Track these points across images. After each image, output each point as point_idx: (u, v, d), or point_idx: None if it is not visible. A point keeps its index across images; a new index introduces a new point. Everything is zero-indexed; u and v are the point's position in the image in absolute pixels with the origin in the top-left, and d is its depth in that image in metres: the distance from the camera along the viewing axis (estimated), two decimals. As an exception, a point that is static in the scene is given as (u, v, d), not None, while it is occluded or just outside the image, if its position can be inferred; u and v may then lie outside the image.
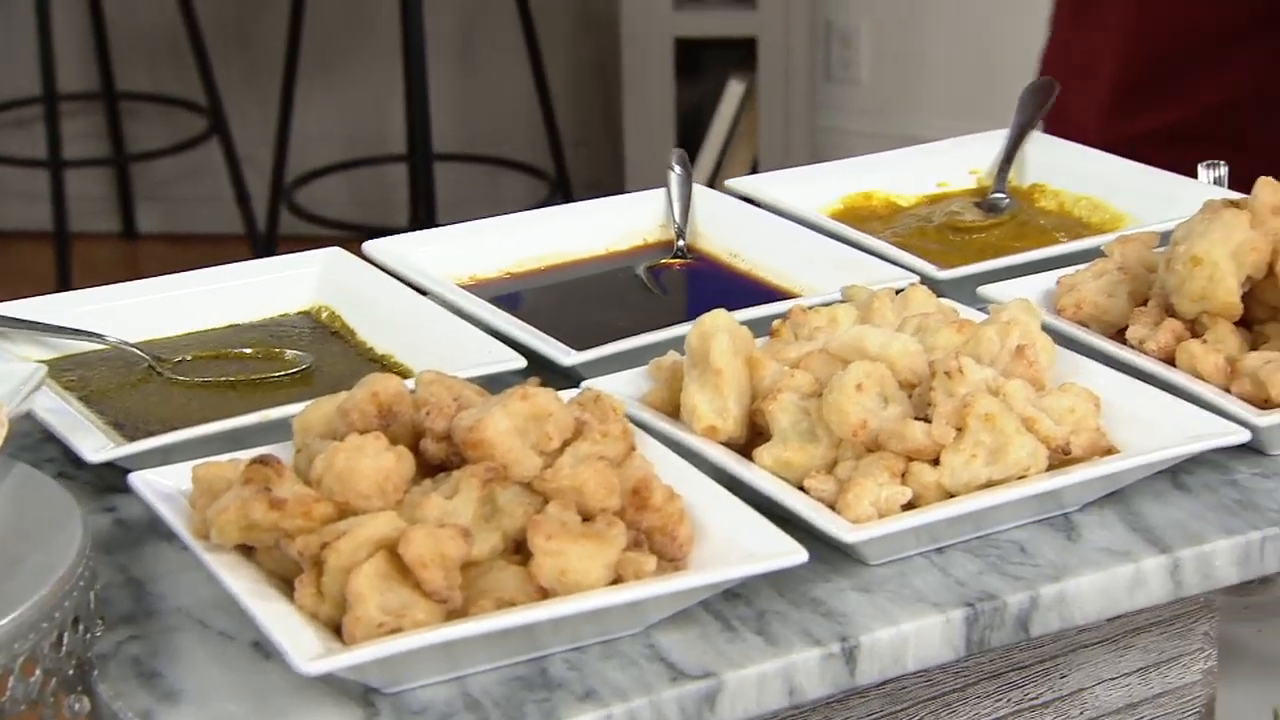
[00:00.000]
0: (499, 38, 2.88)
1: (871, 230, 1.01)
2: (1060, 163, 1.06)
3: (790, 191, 1.02)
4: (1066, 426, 0.67)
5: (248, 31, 2.96)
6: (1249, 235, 0.75)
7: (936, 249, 0.99)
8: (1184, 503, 0.71)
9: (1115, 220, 1.01)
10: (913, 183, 1.06)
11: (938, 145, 1.10)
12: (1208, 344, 0.75)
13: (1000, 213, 1.03)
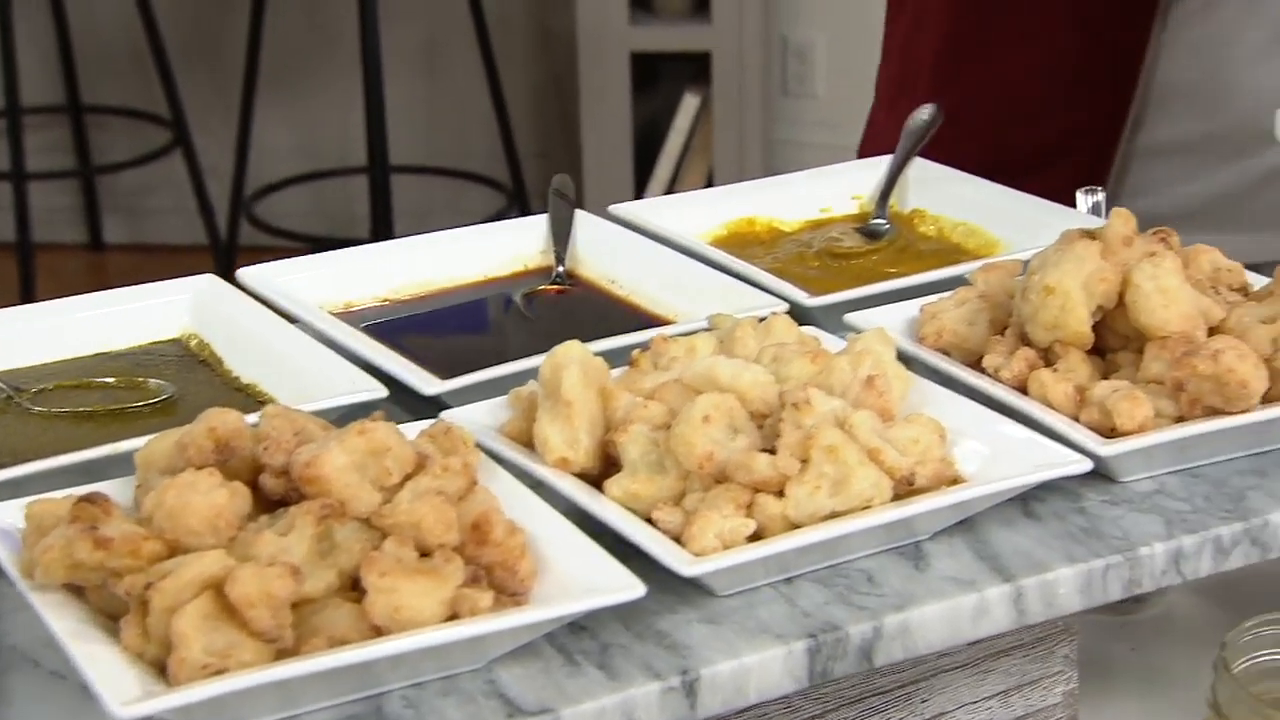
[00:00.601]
0: (460, 52, 2.90)
1: (753, 256, 1.00)
2: (940, 188, 1.06)
3: (674, 217, 1.01)
4: (911, 457, 0.66)
5: (212, 45, 2.97)
6: (1100, 266, 0.75)
7: (816, 275, 0.99)
8: (1033, 531, 0.70)
9: (990, 246, 1.00)
10: (796, 208, 1.06)
11: (822, 170, 1.10)
12: (1059, 373, 0.74)
13: (880, 238, 1.03)
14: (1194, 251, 0.79)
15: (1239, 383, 0.70)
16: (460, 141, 3.03)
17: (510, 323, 0.89)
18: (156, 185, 3.02)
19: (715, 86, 2.81)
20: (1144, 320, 0.74)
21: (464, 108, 2.97)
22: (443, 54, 3.03)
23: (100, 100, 3.04)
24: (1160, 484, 0.73)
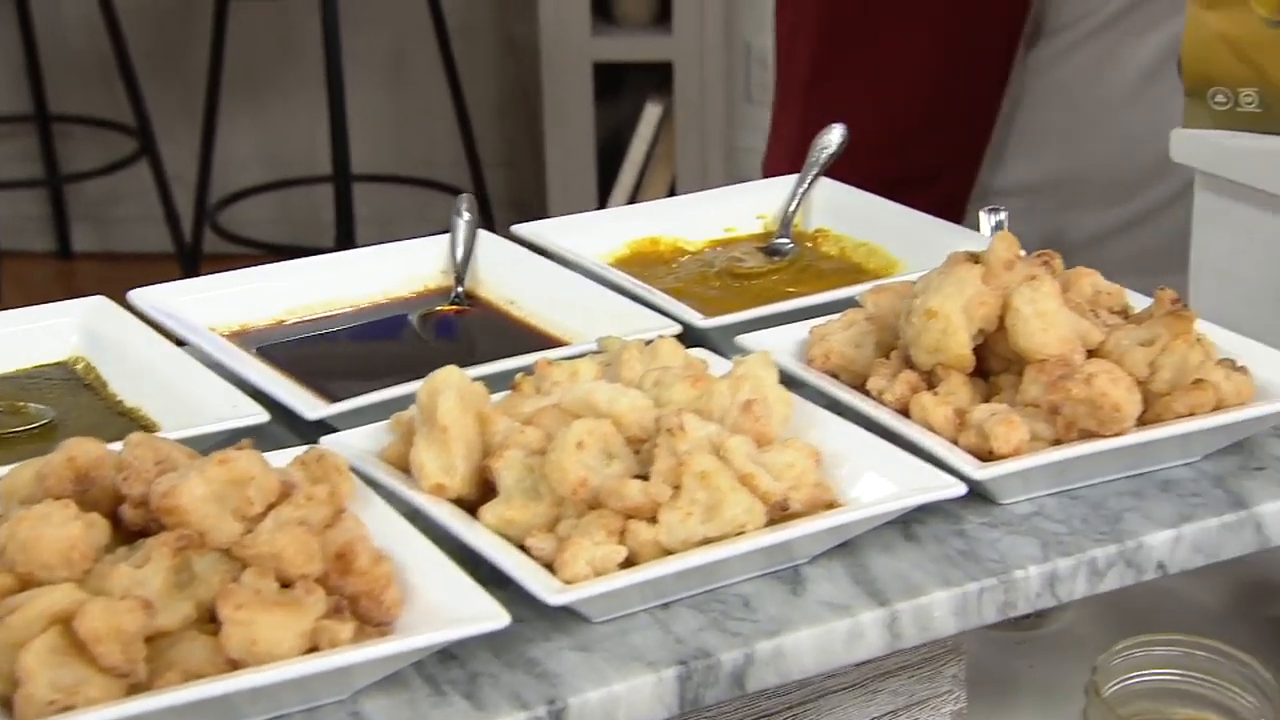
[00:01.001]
0: (425, 62, 2.91)
1: (656, 276, 0.99)
2: (843, 208, 1.05)
3: (577, 238, 1.00)
4: (786, 482, 0.65)
5: (178, 55, 2.97)
6: (980, 289, 0.75)
7: (716, 295, 0.98)
8: (912, 554, 0.69)
9: (890, 267, 1.00)
10: (700, 228, 1.05)
11: (726, 190, 1.09)
12: (939, 396, 0.74)
13: (782, 258, 1.02)
14: (1075, 274, 0.78)
15: (1112, 406, 0.69)
16: (425, 150, 3.04)
17: (405, 344, 0.87)
18: (124, 194, 3.03)
19: (677, 95, 2.82)
20: (1022, 344, 0.73)
21: (429, 117, 2.98)
22: (408, 64, 3.05)
23: (67, 110, 3.04)
24: (1039, 506, 0.73)
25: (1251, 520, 0.72)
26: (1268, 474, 0.74)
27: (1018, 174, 1.25)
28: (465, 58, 2.84)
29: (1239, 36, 0.97)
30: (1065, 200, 1.25)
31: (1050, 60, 1.22)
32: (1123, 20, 1.21)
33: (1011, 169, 1.25)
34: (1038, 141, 1.24)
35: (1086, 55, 1.21)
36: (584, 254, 0.97)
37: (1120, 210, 1.25)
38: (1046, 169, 1.25)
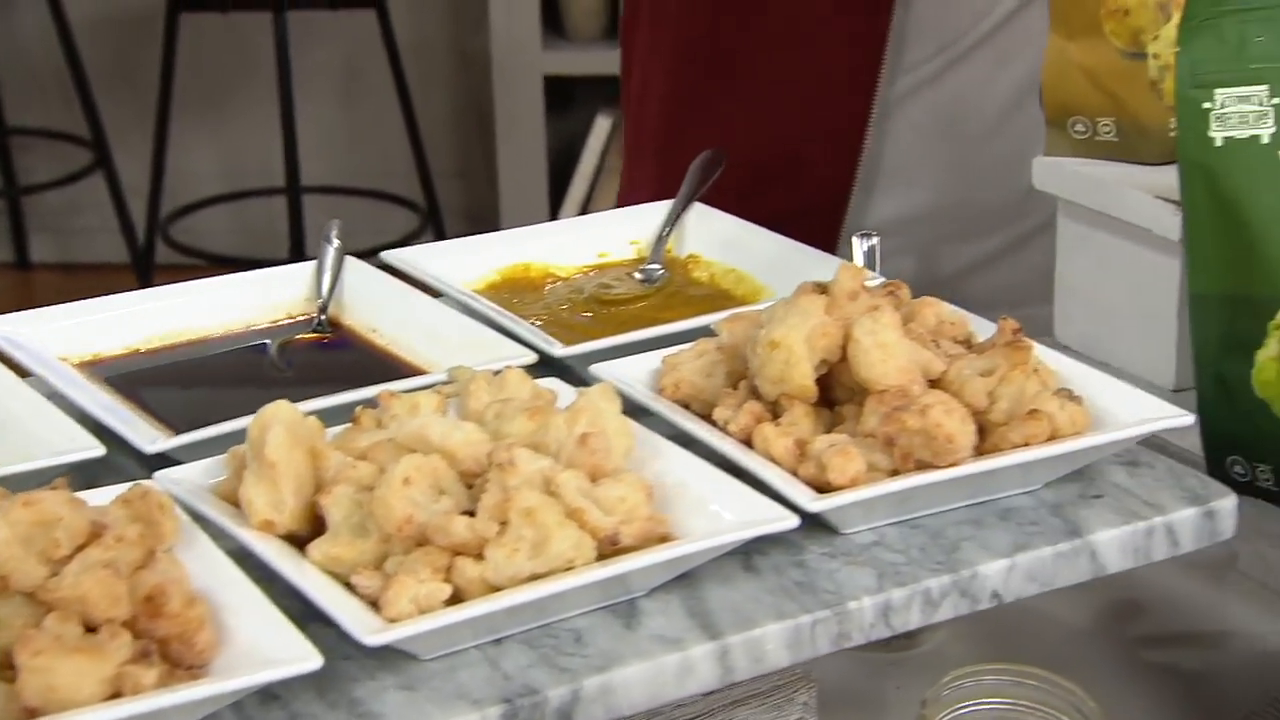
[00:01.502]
0: (380, 75, 2.95)
1: (525, 303, 0.98)
2: (715, 234, 1.04)
3: (447, 264, 0.98)
4: (617, 516, 0.64)
5: (135, 69, 2.98)
6: (823, 320, 0.74)
7: (584, 322, 0.96)
8: (749, 586, 0.68)
9: (756, 293, 0.98)
10: (573, 254, 1.04)
11: (601, 216, 1.07)
12: (781, 427, 0.72)
13: (651, 284, 1.01)
14: (919, 305, 0.77)
15: (946, 437, 0.69)
16: (380, 162, 3.05)
17: (262, 374, 0.85)
18: (82, 205, 3.04)
19: (625, 108, 2.84)
20: (863, 374, 0.72)
21: (383, 130, 2.98)
22: (363, 77, 3.09)
23: (25, 123, 3.04)
24: (881, 535, 0.72)
25: (1086, 549, 0.71)
26: (1105, 502, 0.74)
27: (890, 208, 1.24)
28: (420, 71, 2.89)
29: (1097, 67, 0.97)
30: (938, 232, 1.25)
31: (914, 92, 1.21)
32: (981, 50, 1.20)
33: (883, 203, 1.24)
34: (908, 175, 1.23)
35: (950, 87, 1.21)
36: (452, 281, 0.95)
37: (993, 239, 1.25)
38: (918, 202, 1.24)
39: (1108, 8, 0.96)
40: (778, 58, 1.21)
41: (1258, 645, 0.97)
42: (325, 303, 0.91)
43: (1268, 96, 0.76)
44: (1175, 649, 1.00)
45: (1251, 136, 0.77)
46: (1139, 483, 0.75)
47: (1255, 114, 0.76)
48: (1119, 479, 0.76)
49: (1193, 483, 0.75)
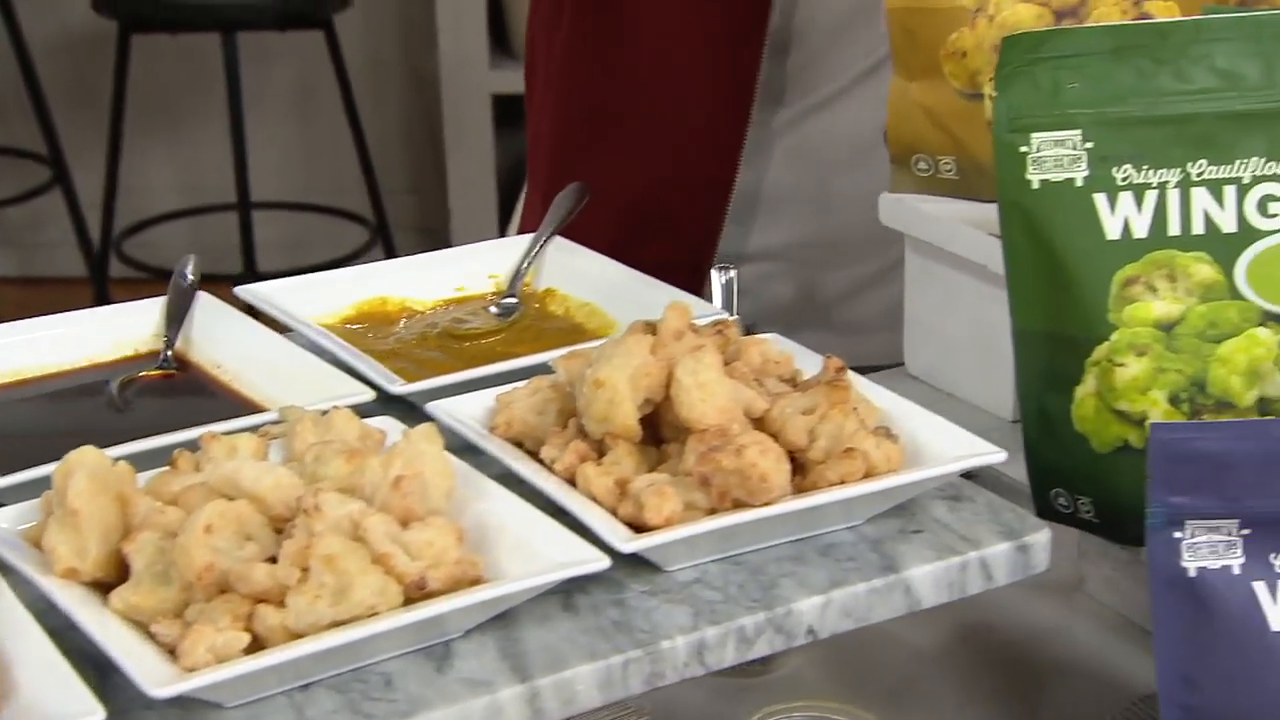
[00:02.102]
0: (335, 95, 2.91)
1: (378, 338, 0.95)
2: (573, 267, 1.02)
3: (302, 298, 0.95)
4: (425, 561, 0.62)
5: (93, 88, 2.98)
6: (646, 360, 0.72)
7: (435, 358, 0.94)
8: (566, 626, 0.66)
9: (608, 328, 0.96)
10: (431, 288, 1.02)
11: (460, 250, 1.05)
12: (603, 466, 0.71)
13: (507, 318, 0.99)
14: (746, 343, 0.76)
15: (760, 477, 0.67)
16: (334, 178, 3.07)
17: (100, 412, 0.83)
18: (43, 220, 3.06)
19: (572, 125, 2.88)
20: (684, 414, 0.71)
21: (336, 147, 2.99)
22: (317, 96, 3.15)
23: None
24: (703, 573, 0.70)
25: (900, 584, 0.70)
26: (924, 537, 0.73)
27: (768, 237, 1.24)
28: (374, 90, 2.94)
29: (937, 107, 0.97)
30: (815, 259, 1.24)
31: (791, 125, 1.21)
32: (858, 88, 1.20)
33: (761, 233, 1.24)
34: (784, 205, 1.23)
35: (824, 120, 1.21)
36: (302, 315, 0.93)
37: (867, 266, 1.25)
38: (795, 230, 1.23)
39: (946, 50, 0.95)
40: (649, 107, 1.20)
41: (1102, 667, 0.97)
42: (171, 339, 0.88)
43: (1081, 141, 0.76)
44: (1022, 671, 1.00)
45: (1066, 179, 0.76)
46: (958, 517, 0.74)
47: (1069, 158, 0.76)
48: (940, 513, 0.75)
49: (1009, 517, 0.74)
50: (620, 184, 1.20)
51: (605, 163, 1.22)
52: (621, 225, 1.17)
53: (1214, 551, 0.70)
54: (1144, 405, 0.77)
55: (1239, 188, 0.75)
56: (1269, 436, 0.69)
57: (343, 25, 2.80)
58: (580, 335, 0.98)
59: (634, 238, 1.16)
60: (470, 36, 2.82)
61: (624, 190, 1.19)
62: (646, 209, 1.22)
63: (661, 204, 1.22)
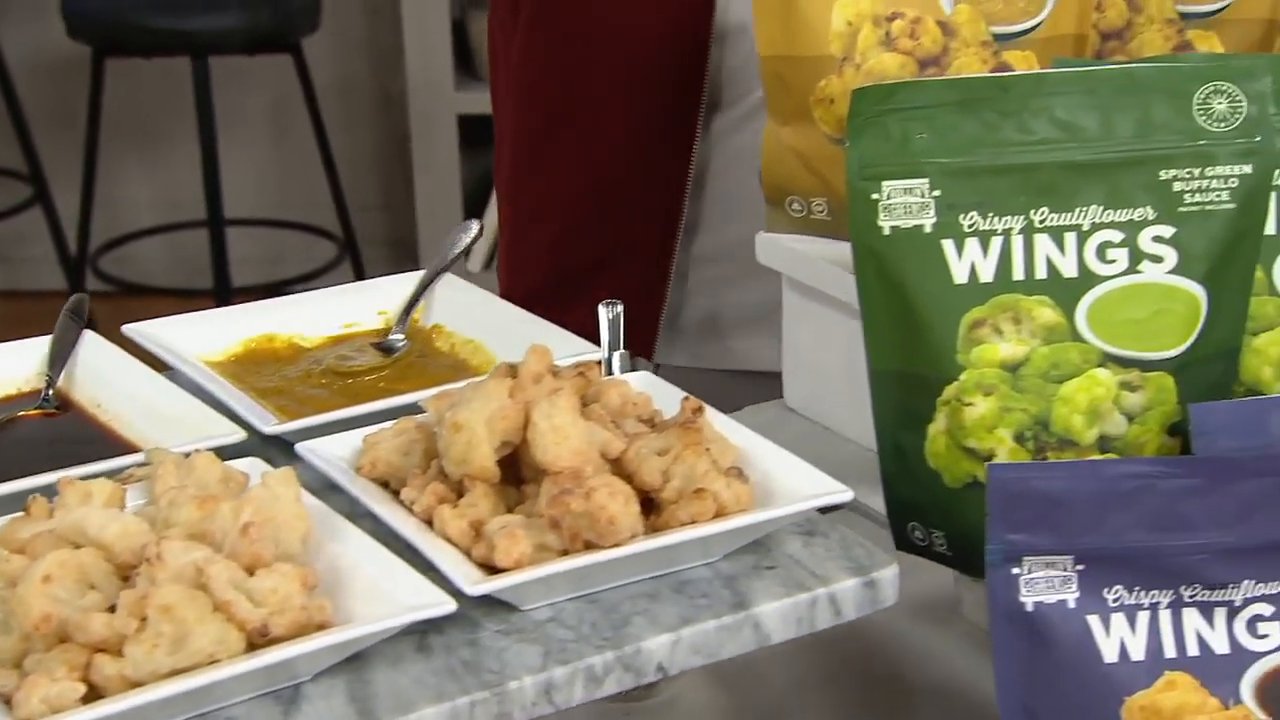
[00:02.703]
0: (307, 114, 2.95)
1: (263, 375, 0.93)
2: (459, 304, 1.00)
3: (188, 335, 0.93)
4: (268, 607, 0.60)
5: (73, 109, 2.99)
6: (504, 404, 0.71)
7: (320, 395, 0.92)
8: (418, 667, 0.64)
9: (489, 365, 0.94)
10: (319, 324, 0.99)
11: (350, 286, 1.04)
12: (458, 508, 0.69)
13: (391, 355, 0.98)
14: (605, 385, 0.75)
15: (608, 519, 0.66)
16: (308, 195, 3.10)
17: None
18: (27, 236, 3.08)
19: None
20: (539, 457, 0.69)
21: (309, 165, 3.02)
22: (290, 116, 3.11)
23: None
24: (558, 611, 0.69)
25: (749, 621, 0.69)
26: (776, 573, 0.72)
27: (712, 240, 1.23)
28: (345, 110, 2.99)
29: (808, 151, 0.96)
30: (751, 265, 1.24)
31: (729, 130, 1.20)
32: None
33: (705, 236, 1.23)
34: (727, 208, 1.22)
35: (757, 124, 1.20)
36: (191, 353, 0.91)
37: None
38: (736, 234, 1.22)
39: (816, 96, 0.95)
40: (602, 106, 1.19)
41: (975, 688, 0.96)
42: (53, 378, 0.86)
43: (929, 189, 0.75)
44: (900, 693, 0.99)
45: (915, 226, 0.76)
46: (811, 553, 0.73)
47: (918, 205, 0.76)
48: (794, 549, 0.74)
49: (859, 553, 0.73)
50: (575, 183, 1.19)
51: (561, 162, 1.21)
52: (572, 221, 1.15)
53: (1050, 586, 0.69)
54: (991, 443, 0.76)
55: (1079, 234, 0.75)
56: (1101, 476, 0.68)
57: (313, 48, 2.85)
58: (464, 372, 0.96)
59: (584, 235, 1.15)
60: (436, 59, 2.86)
61: (579, 189, 1.18)
62: (602, 209, 1.20)
63: (616, 203, 1.20)
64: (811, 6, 0.90)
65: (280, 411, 0.86)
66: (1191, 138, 0.74)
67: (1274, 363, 0.78)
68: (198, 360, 0.90)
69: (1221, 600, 0.69)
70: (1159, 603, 0.69)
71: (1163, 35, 0.91)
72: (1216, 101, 0.74)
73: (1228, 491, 0.68)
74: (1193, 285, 0.75)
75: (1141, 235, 0.75)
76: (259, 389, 0.90)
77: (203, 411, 0.82)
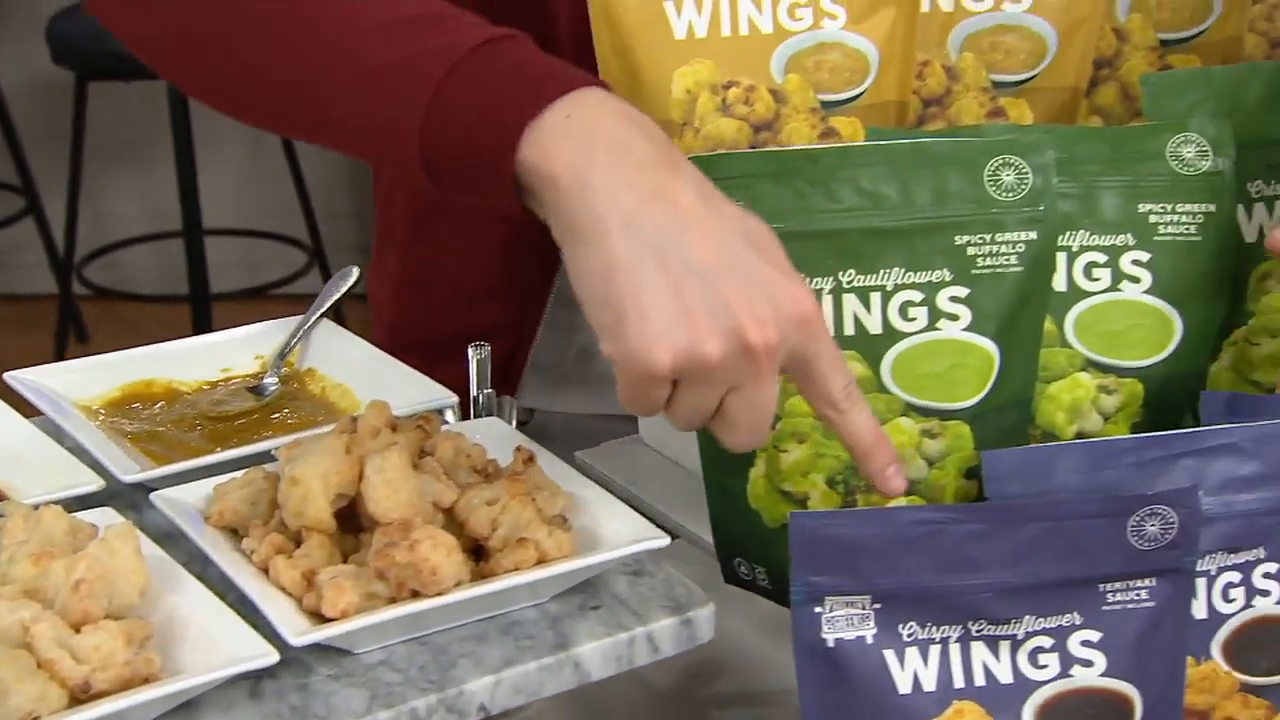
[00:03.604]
0: None
1: (137, 419, 0.91)
2: (333, 349, 0.98)
3: (68, 381, 0.91)
4: (92, 664, 0.59)
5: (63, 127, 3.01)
6: (339, 459, 0.69)
7: (193, 440, 0.89)
8: (247, 712, 0.62)
9: (355, 408, 0.93)
10: (196, 369, 0.97)
11: (229, 332, 1.01)
12: (293, 559, 0.68)
13: (263, 399, 0.96)
14: (441, 438, 0.74)
15: (430, 570, 0.65)
16: (283, 205, 3.11)
17: None
18: (25, 244, 3.13)
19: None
20: (371, 509, 0.68)
21: (283, 177, 3.05)
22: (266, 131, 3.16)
23: None
24: (389, 654, 0.67)
25: (570, 660, 0.68)
26: (599, 613, 0.71)
27: None
28: None
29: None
30: None
31: None
32: None
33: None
34: None
35: None
36: (67, 398, 0.88)
37: None
38: None
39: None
40: None
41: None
42: (-74, 427, 0.83)
43: (744, 252, 0.75)
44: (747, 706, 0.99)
45: (732, 286, 0.75)
46: (635, 592, 0.73)
47: (735, 266, 0.75)
48: (620, 589, 0.73)
49: (679, 592, 0.73)
50: (471, 251, 1.14)
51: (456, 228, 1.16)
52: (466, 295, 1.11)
53: (849, 624, 0.69)
54: (805, 486, 0.76)
55: (883, 294, 0.75)
56: (895, 523, 0.68)
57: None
58: (332, 414, 0.94)
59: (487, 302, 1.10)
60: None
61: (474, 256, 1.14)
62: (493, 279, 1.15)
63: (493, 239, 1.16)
64: (653, 75, 0.90)
65: (153, 457, 0.84)
66: (983, 206, 0.74)
67: (1066, 408, 0.79)
68: (74, 406, 0.88)
69: (1006, 634, 0.69)
70: (949, 637, 0.69)
71: (978, 102, 0.91)
72: (1005, 173, 0.75)
73: (1009, 535, 0.68)
74: (985, 341, 0.75)
75: (939, 295, 0.75)
76: (133, 434, 0.88)
77: (66, 460, 0.79)
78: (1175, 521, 0.68)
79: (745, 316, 0.64)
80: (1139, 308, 0.78)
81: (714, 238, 0.66)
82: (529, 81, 0.69)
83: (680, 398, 0.67)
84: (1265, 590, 0.73)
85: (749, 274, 0.66)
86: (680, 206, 0.66)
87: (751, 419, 0.67)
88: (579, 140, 0.66)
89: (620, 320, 0.64)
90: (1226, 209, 0.79)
